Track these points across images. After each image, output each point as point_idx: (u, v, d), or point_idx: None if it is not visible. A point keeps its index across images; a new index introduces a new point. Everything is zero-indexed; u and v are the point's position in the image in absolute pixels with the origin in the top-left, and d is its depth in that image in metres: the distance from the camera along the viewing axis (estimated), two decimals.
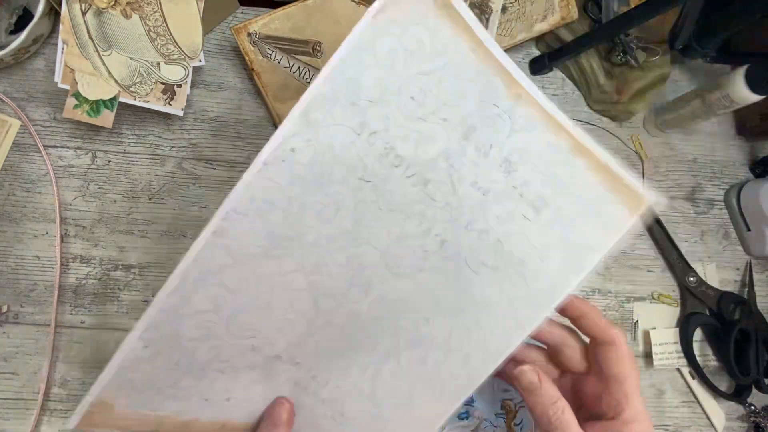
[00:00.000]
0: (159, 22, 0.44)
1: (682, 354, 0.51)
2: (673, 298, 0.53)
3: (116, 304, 0.47)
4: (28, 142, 0.49)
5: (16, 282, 0.47)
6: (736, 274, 0.55)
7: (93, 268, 0.48)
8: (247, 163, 0.50)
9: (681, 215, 0.55)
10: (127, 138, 0.50)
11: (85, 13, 0.43)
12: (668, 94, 0.57)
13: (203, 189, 0.50)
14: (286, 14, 0.47)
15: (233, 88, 0.52)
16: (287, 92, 0.49)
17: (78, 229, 0.48)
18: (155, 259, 0.48)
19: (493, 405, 0.45)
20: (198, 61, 0.46)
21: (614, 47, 0.51)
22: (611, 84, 0.52)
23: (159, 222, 0.48)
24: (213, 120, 0.51)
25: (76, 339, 0.46)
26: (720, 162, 0.57)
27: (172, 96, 0.46)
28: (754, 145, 0.58)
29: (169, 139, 0.50)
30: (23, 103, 0.49)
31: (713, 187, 0.56)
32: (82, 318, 0.47)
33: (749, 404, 0.51)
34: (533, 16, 0.51)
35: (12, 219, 0.47)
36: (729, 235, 0.56)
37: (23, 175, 0.48)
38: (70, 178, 0.49)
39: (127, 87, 0.45)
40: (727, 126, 0.58)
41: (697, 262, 0.54)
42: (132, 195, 0.49)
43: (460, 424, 0.44)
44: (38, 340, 0.46)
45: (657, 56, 0.52)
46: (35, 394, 0.45)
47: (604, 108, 0.55)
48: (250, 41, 0.47)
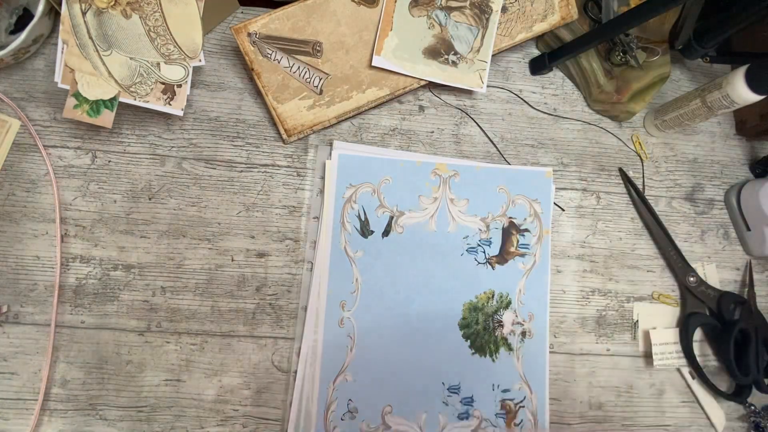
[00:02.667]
0: (159, 22, 0.44)
1: (682, 354, 0.51)
2: (673, 298, 0.53)
3: (116, 304, 0.47)
4: (28, 142, 0.49)
5: (16, 282, 0.47)
6: (736, 274, 0.55)
7: (93, 268, 0.48)
8: (247, 163, 0.50)
9: (681, 215, 0.55)
10: (127, 138, 0.50)
11: (85, 13, 0.43)
12: (668, 94, 0.57)
13: (203, 189, 0.50)
14: (286, 14, 0.47)
15: (233, 88, 0.52)
16: (287, 92, 0.49)
17: (78, 229, 0.48)
18: (155, 259, 0.48)
19: (494, 405, 0.45)
20: (198, 61, 0.46)
21: (614, 47, 0.51)
22: (611, 84, 0.52)
23: (159, 222, 0.49)
24: (213, 120, 0.51)
25: (76, 339, 0.46)
26: (720, 162, 0.57)
27: (172, 96, 0.46)
28: (754, 145, 0.58)
29: (169, 139, 0.50)
30: (23, 103, 0.49)
31: (713, 187, 0.56)
32: (82, 318, 0.47)
33: (749, 404, 0.51)
34: (533, 16, 0.51)
35: (12, 219, 0.47)
36: (729, 235, 0.56)
37: (23, 175, 0.48)
38: (70, 178, 0.49)
39: (127, 87, 0.45)
40: (727, 126, 0.58)
41: (697, 262, 0.54)
42: (132, 195, 0.49)
43: (461, 424, 0.44)
44: (38, 340, 0.46)
45: (657, 56, 0.52)
46: (35, 394, 0.45)
47: (604, 108, 0.55)
48: (250, 41, 0.47)
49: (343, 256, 0.46)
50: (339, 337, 0.44)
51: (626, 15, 0.44)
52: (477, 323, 0.46)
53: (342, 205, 0.47)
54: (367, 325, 0.45)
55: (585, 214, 0.54)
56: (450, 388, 0.45)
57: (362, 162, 0.48)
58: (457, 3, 0.50)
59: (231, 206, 0.49)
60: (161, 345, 0.47)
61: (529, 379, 0.46)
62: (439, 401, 0.44)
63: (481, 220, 0.47)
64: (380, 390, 0.44)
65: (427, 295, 0.46)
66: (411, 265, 0.46)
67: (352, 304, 0.45)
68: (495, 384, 0.46)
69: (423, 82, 0.51)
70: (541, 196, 0.49)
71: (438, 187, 0.48)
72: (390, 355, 0.44)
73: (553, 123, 0.55)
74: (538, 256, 0.48)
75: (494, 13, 0.50)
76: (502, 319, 0.47)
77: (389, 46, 0.49)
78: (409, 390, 0.44)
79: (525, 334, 0.47)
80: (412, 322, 0.45)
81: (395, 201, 0.48)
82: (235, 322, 0.48)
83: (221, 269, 0.48)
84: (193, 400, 0.46)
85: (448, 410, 0.44)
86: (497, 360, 0.46)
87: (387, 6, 0.48)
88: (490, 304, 0.47)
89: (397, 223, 0.47)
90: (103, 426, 0.45)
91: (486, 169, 0.49)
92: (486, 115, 0.54)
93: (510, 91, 0.55)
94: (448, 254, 0.47)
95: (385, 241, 0.47)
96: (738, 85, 0.45)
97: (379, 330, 0.45)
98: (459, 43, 0.50)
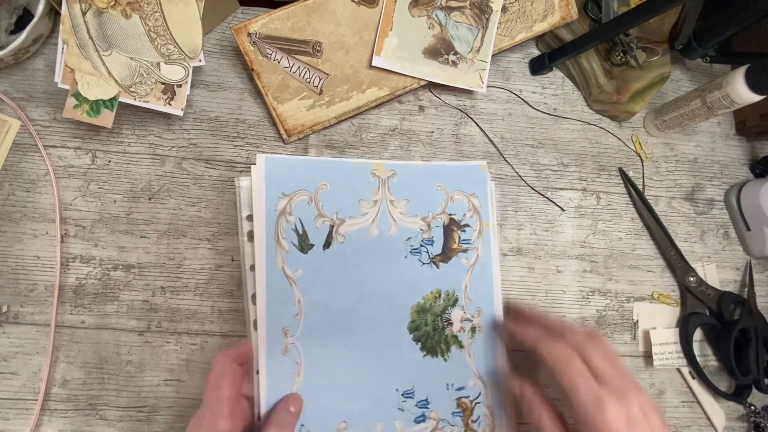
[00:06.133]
0: (159, 22, 0.44)
1: (682, 354, 0.51)
2: (673, 298, 0.53)
3: (116, 304, 0.47)
4: (28, 142, 0.49)
5: (16, 282, 0.47)
6: (736, 274, 0.55)
7: (93, 268, 0.48)
8: (247, 163, 0.50)
9: (681, 215, 0.55)
10: (127, 138, 0.50)
11: (85, 13, 0.43)
12: (668, 94, 0.57)
13: (203, 189, 0.50)
14: (286, 14, 0.47)
15: (233, 88, 0.52)
16: (287, 92, 0.49)
17: (78, 229, 0.48)
18: (155, 259, 0.48)
19: (449, 404, 0.45)
20: (198, 61, 0.46)
21: (614, 47, 0.51)
22: (611, 84, 0.52)
23: (159, 222, 0.48)
24: (213, 120, 0.51)
25: (76, 339, 0.46)
26: (720, 162, 0.57)
27: (172, 96, 0.46)
28: (754, 145, 0.58)
29: (169, 139, 0.50)
30: (23, 103, 0.49)
31: (713, 187, 0.56)
32: (82, 318, 0.47)
33: (749, 404, 0.51)
34: (533, 16, 0.51)
35: (12, 219, 0.47)
36: (729, 235, 0.56)
37: (23, 175, 0.48)
38: (70, 178, 0.49)
39: (127, 87, 0.45)
40: (727, 126, 0.58)
41: (697, 262, 0.54)
42: (132, 195, 0.49)
43: (417, 428, 0.43)
44: (38, 340, 0.46)
45: (657, 56, 0.52)
46: (35, 394, 0.45)
47: (604, 108, 0.55)
48: (250, 41, 0.47)
49: (282, 277, 0.42)
50: (284, 365, 0.41)
51: (626, 15, 0.44)
52: (426, 324, 0.45)
53: (275, 219, 0.42)
54: (314, 346, 0.42)
55: (585, 214, 0.54)
56: (404, 393, 0.43)
57: (294, 166, 0.43)
58: (457, 3, 0.50)
59: (231, 206, 0.49)
60: (161, 345, 0.47)
61: (482, 374, 0.45)
62: (395, 408, 0.43)
63: (422, 219, 0.46)
64: (333, 409, 0.42)
65: (374, 303, 0.44)
66: (355, 274, 0.44)
67: (295, 329, 0.42)
68: (449, 383, 0.45)
69: (423, 82, 0.51)
70: (478, 190, 0.48)
71: (377, 189, 0.46)
72: (340, 371, 0.42)
73: (553, 123, 0.55)
74: (481, 250, 0.47)
75: (494, 13, 0.50)
76: (451, 318, 0.46)
77: (389, 46, 0.49)
78: (362, 402, 0.43)
79: (474, 330, 0.46)
80: (360, 334, 0.43)
81: (335, 208, 0.44)
82: (235, 322, 0.48)
83: (221, 269, 0.48)
84: (193, 400, 0.46)
85: (404, 416, 0.43)
86: (449, 359, 0.45)
87: (387, 6, 0.48)
88: (438, 303, 0.45)
89: (338, 232, 0.44)
90: (103, 426, 0.45)
91: (423, 167, 0.47)
92: (486, 115, 0.54)
93: (510, 91, 0.55)
94: (392, 258, 0.45)
95: (326, 253, 0.43)
96: (738, 85, 0.45)
97: (326, 348, 0.42)
98: (459, 43, 0.50)
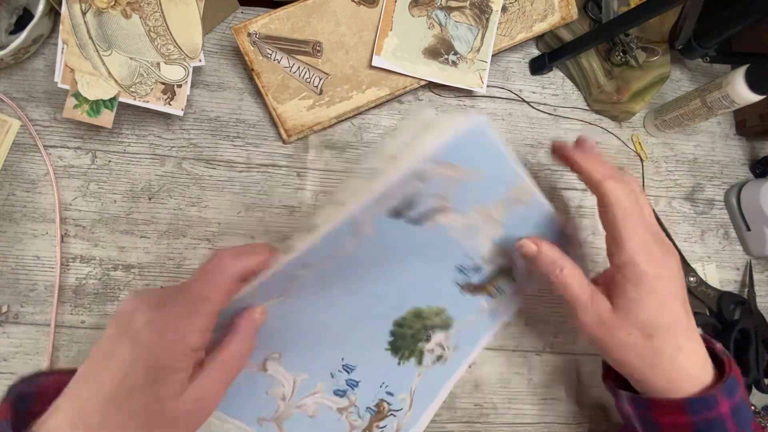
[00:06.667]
0: (159, 22, 0.44)
1: None
2: None
3: (116, 304, 0.47)
4: (28, 142, 0.49)
5: (16, 282, 0.47)
6: (736, 274, 0.55)
7: (93, 268, 0.48)
8: (247, 163, 0.50)
9: (681, 215, 0.55)
10: (127, 138, 0.50)
11: (85, 13, 0.43)
12: (668, 94, 0.57)
13: (203, 189, 0.50)
14: (286, 14, 0.47)
15: (233, 88, 0.52)
16: (287, 92, 0.49)
17: (78, 229, 0.48)
18: (155, 259, 0.48)
19: (371, 399, 0.44)
20: (198, 61, 0.46)
21: (614, 47, 0.51)
22: (611, 84, 0.52)
23: (159, 222, 0.48)
24: (213, 120, 0.51)
25: (76, 339, 0.46)
26: (720, 162, 0.57)
27: (172, 96, 0.46)
28: (754, 145, 0.58)
29: (169, 139, 0.50)
30: (23, 103, 0.49)
31: (713, 187, 0.56)
32: (82, 318, 0.47)
33: (749, 404, 0.51)
34: (533, 16, 0.51)
35: (12, 219, 0.47)
36: (729, 235, 0.56)
37: (23, 175, 0.48)
38: (70, 178, 0.49)
39: (127, 87, 0.45)
40: (727, 126, 0.58)
41: (697, 262, 0.54)
42: (132, 195, 0.49)
43: (332, 399, 0.43)
44: (38, 340, 0.46)
45: (657, 56, 0.52)
46: None
47: (604, 108, 0.55)
48: (250, 41, 0.47)
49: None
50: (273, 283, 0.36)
51: (626, 15, 0.44)
52: (410, 328, 0.44)
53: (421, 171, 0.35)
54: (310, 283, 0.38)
55: (585, 215, 0.54)
56: (345, 365, 0.43)
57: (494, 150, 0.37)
58: (457, 3, 0.50)
59: (231, 206, 0.49)
60: None
61: (415, 397, 0.45)
62: (327, 371, 0.42)
63: (498, 253, 0.43)
64: (275, 336, 0.40)
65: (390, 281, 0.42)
66: (398, 252, 0.40)
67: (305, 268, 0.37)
68: (384, 383, 0.44)
69: (423, 82, 0.51)
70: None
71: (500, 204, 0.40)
72: (315, 307, 0.40)
73: (553, 123, 0.55)
74: (504, 308, 0.47)
75: (494, 13, 0.50)
76: (432, 336, 0.46)
77: (389, 46, 0.49)
78: (309, 348, 0.41)
79: (440, 359, 0.46)
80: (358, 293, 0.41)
81: (459, 196, 0.38)
82: None
83: None
84: None
85: (329, 382, 0.42)
86: (402, 365, 0.44)
87: (387, 6, 0.48)
88: (434, 319, 0.45)
89: (434, 215, 0.38)
90: None
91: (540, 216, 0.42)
92: (486, 115, 0.54)
93: (510, 91, 0.55)
94: (439, 261, 0.42)
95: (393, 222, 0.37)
96: (738, 85, 0.45)
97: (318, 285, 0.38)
98: (459, 43, 0.50)
